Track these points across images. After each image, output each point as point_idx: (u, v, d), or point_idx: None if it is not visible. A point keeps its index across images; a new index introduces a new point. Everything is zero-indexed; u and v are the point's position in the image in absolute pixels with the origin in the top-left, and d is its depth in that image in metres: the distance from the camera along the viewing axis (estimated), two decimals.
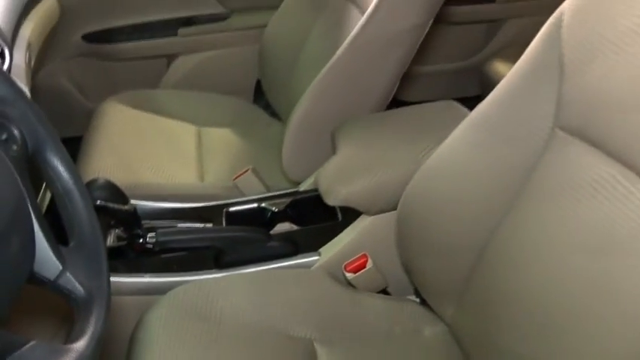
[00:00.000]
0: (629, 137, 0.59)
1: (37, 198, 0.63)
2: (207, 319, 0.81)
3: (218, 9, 1.53)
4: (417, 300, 0.92)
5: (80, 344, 0.47)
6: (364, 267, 0.89)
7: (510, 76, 0.72)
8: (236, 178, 1.11)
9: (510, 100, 0.72)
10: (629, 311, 0.57)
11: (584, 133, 0.64)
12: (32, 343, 0.44)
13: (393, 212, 0.87)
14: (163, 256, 0.93)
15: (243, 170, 1.11)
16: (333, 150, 1.01)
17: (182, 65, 1.55)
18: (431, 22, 1.03)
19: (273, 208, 1.03)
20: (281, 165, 1.15)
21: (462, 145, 0.77)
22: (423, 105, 1.10)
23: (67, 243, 0.57)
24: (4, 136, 0.53)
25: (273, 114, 1.46)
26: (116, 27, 1.49)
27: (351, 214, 0.96)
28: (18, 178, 0.51)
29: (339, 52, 1.04)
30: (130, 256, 0.93)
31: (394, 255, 0.88)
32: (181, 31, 1.50)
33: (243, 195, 1.10)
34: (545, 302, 0.65)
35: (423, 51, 1.36)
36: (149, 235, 0.87)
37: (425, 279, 0.86)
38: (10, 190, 0.48)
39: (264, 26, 1.44)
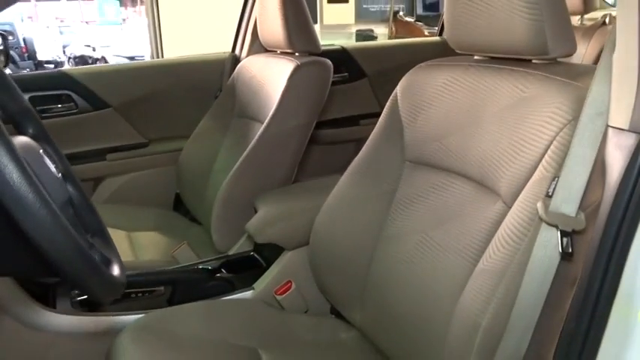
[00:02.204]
0: (445, 154, 0.98)
1: None
2: (168, 338, 1.00)
3: (140, 139, 1.83)
4: (333, 316, 1.18)
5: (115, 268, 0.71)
6: (290, 289, 1.15)
7: (373, 133, 1.11)
8: (174, 251, 1.34)
9: (375, 148, 1.10)
10: (460, 249, 0.90)
11: (421, 160, 1.03)
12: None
13: (307, 246, 1.16)
14: (125, 302, 1.11)
15: (180, 244, 1.35)
16: (255, 212, 1.30)
17: (109, 185, 1.78)
18: (315, 121, 1.42)
19: (209, 267, 1.27)
20: (208, 244, 1.40)
21: (347, 185, 1.12)
22: (318, 179, 1.45)
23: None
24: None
25: (192, 219, 1.73)
26: None
27: (272, 258, 1.23)
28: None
29: (249, 147, 1.36)
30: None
31: (311, 279, 1.15)
32: (109, 156, 1.77)
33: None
34: (418, 270, 0.97)
35: (307, 168, 1.75)
36: None
37: (335, 293, 1.14)
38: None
39: (178, 150, 1.76)
